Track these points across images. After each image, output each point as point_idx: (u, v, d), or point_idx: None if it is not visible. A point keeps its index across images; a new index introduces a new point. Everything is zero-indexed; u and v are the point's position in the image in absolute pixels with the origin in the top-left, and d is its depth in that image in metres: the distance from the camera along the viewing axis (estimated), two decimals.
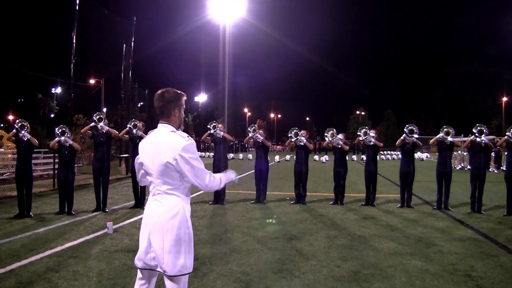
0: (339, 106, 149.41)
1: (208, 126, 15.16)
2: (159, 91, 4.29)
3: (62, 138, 12.63)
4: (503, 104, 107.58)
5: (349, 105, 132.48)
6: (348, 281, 6.86)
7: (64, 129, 12.76)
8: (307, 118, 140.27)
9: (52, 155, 21.17)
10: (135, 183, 14.04)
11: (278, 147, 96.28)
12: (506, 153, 13.66)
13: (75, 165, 15.51)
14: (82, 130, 14.18)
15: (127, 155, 27.29)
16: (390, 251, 8.78)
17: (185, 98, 4.43)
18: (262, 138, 15.13)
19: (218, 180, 4.35)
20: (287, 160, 45.99)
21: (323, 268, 7.53)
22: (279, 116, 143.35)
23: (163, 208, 4.07)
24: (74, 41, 20.73)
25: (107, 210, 13.23)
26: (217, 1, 44.56)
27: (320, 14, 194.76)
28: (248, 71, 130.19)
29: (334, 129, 15.34)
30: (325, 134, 15.24)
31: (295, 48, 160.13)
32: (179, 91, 4.37)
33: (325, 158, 46.80)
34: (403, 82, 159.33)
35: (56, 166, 15.93)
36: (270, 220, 12.06)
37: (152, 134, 4.28)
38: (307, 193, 15.59)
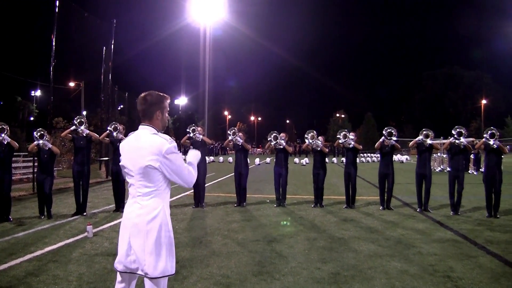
0: (319, 109, 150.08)
1: (188, 130, 15.15)
2: (142, 94, 4.29)
3: (41, 141, 12.58)
4: (482, 107, 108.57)
5: (329, 107, 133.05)
6: (328, 283, 6.89)
7: (42, 132, 12.70)
8: (287, 121, 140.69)
9: (32, 158, 21.06)
10: (115, 186, 14.00)
11: (258, 150, 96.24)
12: (484, 155, 13.78)
13: (55, 168, 15.42)
14: (63, 134, 14.10)
15: (107, 158, 27.20)
16: (370, 253, 8.82)
17: (168, 100, 4.43)
18: (241, 141, 15.15)
19: (195, 169, 4.37)
20: (267, 163, 46.05)
21: (303, 270, 7.56)
22: (259, 119, 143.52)
23: (144, 210, 4.06)
24: (54, 43, 20.63)
25: (85, 214, 13.16)
26: (197, 3, 44.47)
27: (301, 17, 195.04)
28: (229, 74, 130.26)
29: (314, 131, 15.39)
30: (305, 136, 15.29)
31: (275, 50, 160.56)
32: (162, 94, 4.37)
33: (305, 160, 46.87)
34: (383, 85, 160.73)
35: (36, 170, 15.85)
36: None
37: (134, 136, 4.27)
38: (287, 196, 15.60)
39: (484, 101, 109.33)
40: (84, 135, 13.46)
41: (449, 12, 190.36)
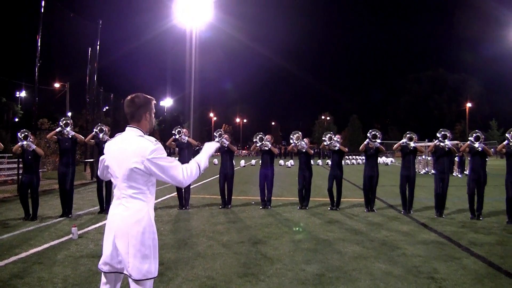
0: (305, 111, 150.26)
1: (173, 132, 15.15)
2: (129, 97, 4.30)
3: (25, 142, 12.52)
4: (467, 109, 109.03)
5: (315, 110, 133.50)
6: (313, 284, 6.93)
7: (27, 133, 12.65)
8: (273, 123, 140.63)
9: (16, 160, 20.96)
10: (99, 188, 13.97)
11: (244, 151, 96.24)
12: (469, 158, 13.86)
13: (40, 170, 15.36)
14: (48, 136, 14.01)
15: (92, 160, 27.14)
16: (355, 254, 8.86)
17: (154, 102, 4.44)
18: (227, 143, 15.14)
19: (195, 166, 4.27)
20: (252, 165, 46.04)
21: (288, 272, 7.58)
22: (245, 120, 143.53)
23: (128, 212, 4.07)
24: (39, 44, 20.55)
25: (70, 216, 13.12)
26: (183, 5, 44.42)
27: (287, 19, 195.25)
28: (214, 75, 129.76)
29: (300, 132, 15.43)
30: (291, 137, 15.33)
31: (261, 52, 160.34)
32: (148, 96, 4.38)
33: (290, 162, 46.85)
34: (369, 87, 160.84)
35: (21, 171, 15.79)
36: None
37: (120, 137, 4.28)
38: (272, 197, 15.63)
39: (468, 104, 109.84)
40: (70, 136, 13.40)
41: (435, 16, 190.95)
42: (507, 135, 12.79)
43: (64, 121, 13.46)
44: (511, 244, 9.94)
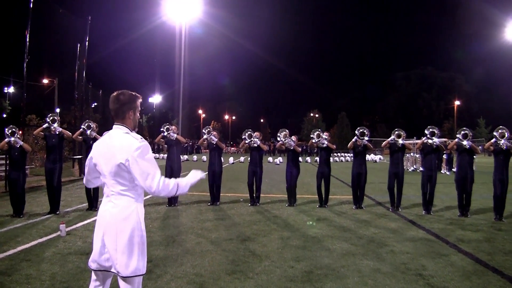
0: (293, 108, 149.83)
1: (162, 129, 15.12)
2: (115, 93, 4.29)
3: (12, 138, 12.46)
4: (455, 107, 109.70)
5: (304, 107, 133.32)
6: (301, 281, 6.94)
7: (14, 129, 12.58)
8: (262, 120, 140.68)
9: (4, 156, 20.85)
10: None
11: (232, 148, 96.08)
12: (456, 155, 13.92)
13: (27, 166, 15.28)
14: (35, 132, 13.95)
15: (80, 156, 27.05)
16: (343, 251, 8.89)
17: (140, 100, 4.44)
18: (216, 139, 15.13)
19: (173, 186, 4.22)
20: (241, 162, 46.02)
21: (277, 269, 7.60)
22: (234, 117, 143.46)
23: (117, 209, 4.07)
24: (28, 39, 20.45)
25: (58, 213, 13.06)
26: (173, 2, 44.34)
27: (276, 16, 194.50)
28: (203, 72, 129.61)
29: (287, 130, 15.45)
30: (278, 135, 15.35)
31: (250, 49, 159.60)
32: (134, 93, 4.37)
33: (279, 160, 46.89)
34: (357, 85, 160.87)
35: (8, 168, 15.70)
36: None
37: (107, 135, 4.28)
38: (261, 195, 15.65)
39: (457, 102, 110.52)
40: (57, 133, 13.34)
41: (423, 14, 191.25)
42: (494, 133, 12.86)
43: (51, 117, 13.39)
44: (498, 241, 10.00)
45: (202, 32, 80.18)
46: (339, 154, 61.79)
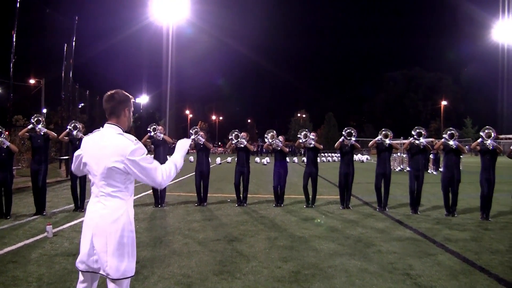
0: (281, 109, 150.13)
1: (148, 129, 15.10)
2: (109, 93, 4.29)
3: None
4: (442, 107, 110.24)
5: (291, 107, 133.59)
6: (288, 282, 6.95)
7: (0, 130, 12.51)
8: (249, 120, 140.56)
9: None
10: (74, 186, 13.84)
11: (220, 149, 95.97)
12: (443, 155, 13.98)
13: (14, 167, 15.22)
14: (20, 133, 13.92)
15: (67, 157, 26.95)
16: (330, 251, 8.90)
17: (133, 100, 4.45)
18: (203, 140, 15.12)
19: (173, 167, 4.30)
20: (228, 162, 46.01)
21: (264, 269, 7.60)
22: (221, 118, 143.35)
23: (107, 210, 4.06)
24: (14, 39, 20.37)
25: (44, 214, 13.00)
26: (160, 2, 44.33)
27: (264, 17, 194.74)
28: (191, 72, 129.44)
29: (274, 131, 15.46)
30: (265, 136, 15.35)
31: (238, 49, 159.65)
32: (127, 93, 4.39)
33: (266, 160, 46.89)
34: (345, 85, 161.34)
35: None
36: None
37: (99, 134, 4.25)
38: (248, 195, 15.65)
39: (443, 102, 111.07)
40: (42, 133, 13.28)
41: (411, 15, 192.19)
42: (481, 133, 12.92)
43: (36, 118, 13.34)
44: (485, 240, 10.05)
45: (190, 32, 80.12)
46: (326, 154, 61.89)
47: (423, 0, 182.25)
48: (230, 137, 15.26)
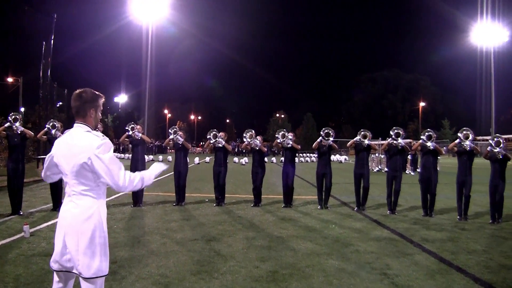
0: (259, 109, 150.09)
1: (126, 128, 15.04)
2: (77, 91, 4.27)
3: None
4: (420, 109, 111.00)
5: (270, 107, 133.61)
6: (266, 281, 6.96)
7: None
8: (227, 120, 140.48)
9: None
10: (52, 185, 13.75)
11: (198, 149, 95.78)
12: (421, 156, 14.08)
13: None
14: None
15: (44, 156, 26.81)
16: (308, 251, 8.94)
17: (102, 99, 4.42)
18: (182, 140, 15.10)
19: (139, 180, 4.29)
20: (206, 162, 45.96)
21: (242, 269, 7.60)
22: (199, 118, 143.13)
23: (78, 209, 4.04)
24: None
25: (21, 213, 12.90)
26: (140, 1, 44.21)
27: (244, 17, 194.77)
28: (170, 71, 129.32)
29: (253, 130, 15.46)
30: (244, 135, 15.36)
31: (217, 49, 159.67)
32: (97, 92, 4.36)
33: (244, 160, 46.86)
34: (324, 86, 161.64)
35: None
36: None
37: (68, 134, 4.26)
38: (226, 195, 15.65)
39: (422, 104, 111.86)
40: (19, 132, 13.18)
41: (389, 16, 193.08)
42: (459, 134, 13.02)
43: (13, 116, 13.21)
44: (462, 240, 10.15)
45: (169, 31, 79.97)
46: (304, 154, 62.07)
47: (402, 2, 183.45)
48: (208, 137, 15.26)
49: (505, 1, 71.25)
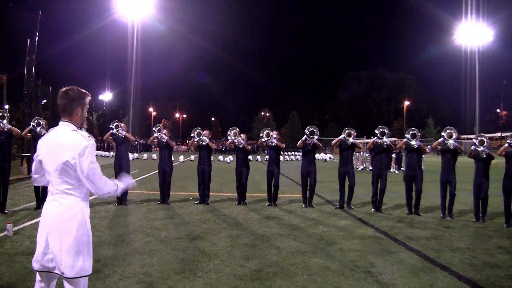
0: (244, 107, 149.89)
1: (110, 126, 14.99)
2: (64, 89, 4.25)
3: None
4: (405, 107, 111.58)
5: (254, 106, 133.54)
6: (250, 280, 6.96)
7: None
8: (212, 118, 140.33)
9: None
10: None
11: (183, 147, 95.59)
12: (405, 154, 14.12)
13: None
14: None
15: (29, 154, 26.67)
16: (292, 249, 8.95)
17: (89, 97, 4.42)
18: (166, 138, 15.08)
19: (113, 186, 4.32)
20: (191, 160, 45.92)
21: (226, 268, 7.60)
22: (184, 116, 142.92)
23: (62, 208, 4.03)
24: None
25: (6, 212, 12.82)
26: None
27: (229, 15, 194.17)
28: (155, 69, 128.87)
29: (237, 128, 15.46)
30: (228, 133, 15.35)
31: (203, 47, 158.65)
32: (83, 90, 4.35)
33: (229, 158, 46.84)
34: (309, 84, 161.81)
35: None
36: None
37: (53, 132, 4.23)
38: (211, 193, 15.64)
39: (406, 102, 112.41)
40: (5, 129, 13.08)
41: (375, 15, 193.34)
42: (443, 133, 13.10)
43: (0, 114, 13.14)
44: (446, 238, 10.21)
45: (155, 29, 79.90)
46: (289, 152, 62.10)
47: (387, 1, 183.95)
48: (192, 135, 15.24)
49: (489, 1, 71.80)
